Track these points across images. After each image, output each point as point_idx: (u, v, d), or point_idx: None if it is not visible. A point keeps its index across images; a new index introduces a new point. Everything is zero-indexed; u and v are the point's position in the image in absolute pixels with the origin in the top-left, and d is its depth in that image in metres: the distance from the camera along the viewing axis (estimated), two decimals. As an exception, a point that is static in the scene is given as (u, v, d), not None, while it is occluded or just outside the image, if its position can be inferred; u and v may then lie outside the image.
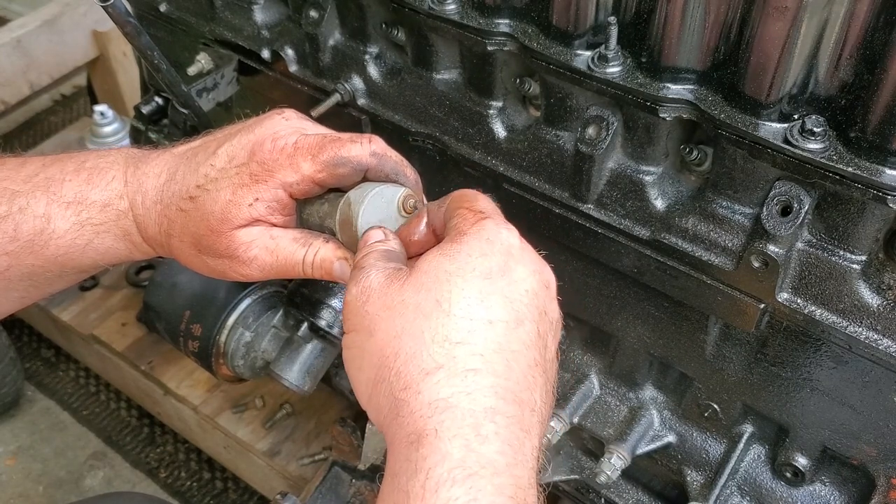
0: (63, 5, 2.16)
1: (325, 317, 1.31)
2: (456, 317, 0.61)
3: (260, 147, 0.77)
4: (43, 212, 0.78)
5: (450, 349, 0.60)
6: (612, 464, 1.08)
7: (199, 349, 1.38)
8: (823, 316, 0.87)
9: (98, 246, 0.80)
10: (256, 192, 0.75)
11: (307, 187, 0.77)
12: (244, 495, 1.93)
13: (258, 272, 0.78)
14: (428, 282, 0.63)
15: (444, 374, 0.59)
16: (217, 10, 1.29)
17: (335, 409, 1.72)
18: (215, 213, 0.76)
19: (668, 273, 0.95)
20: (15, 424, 2.11)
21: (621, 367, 1.13)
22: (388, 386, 0.61)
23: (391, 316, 0.63)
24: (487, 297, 0.63)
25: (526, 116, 1.05)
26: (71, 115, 2.99)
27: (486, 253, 0.64)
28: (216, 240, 0.77)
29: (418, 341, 0.61)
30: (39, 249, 0.78)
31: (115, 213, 0.80)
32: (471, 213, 0.68)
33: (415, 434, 0.58)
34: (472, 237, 0.65)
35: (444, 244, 0.66)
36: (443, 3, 0.98)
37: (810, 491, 1.03)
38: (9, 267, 0.78)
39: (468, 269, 0.63)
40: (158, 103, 1.57)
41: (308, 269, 0.77)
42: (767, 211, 0.83)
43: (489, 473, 0.56)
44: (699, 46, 0.82)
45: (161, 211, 0.79)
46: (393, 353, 0.61)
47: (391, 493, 0.58)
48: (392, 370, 0.61)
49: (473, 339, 0.61)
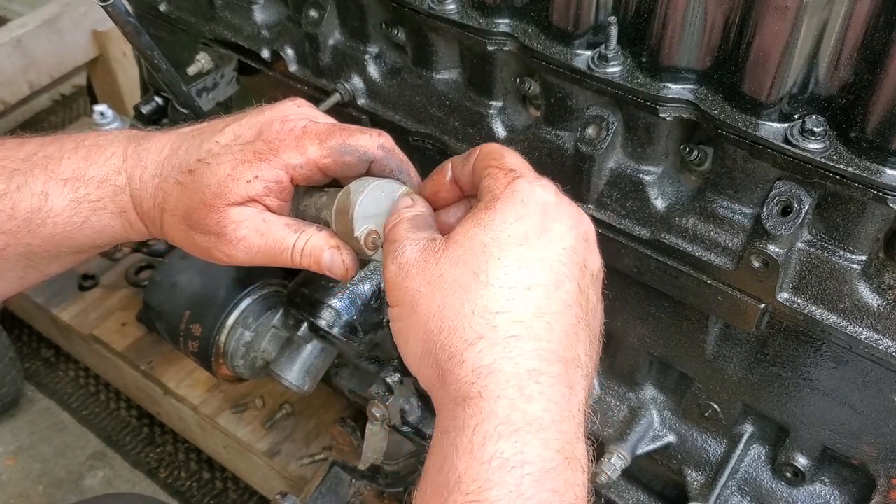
0: (63, 5, 2.16)
1: (325, 317, 1.31)
2: (494, 287, 0.63)
3: (268, 126, 0.76)
4: (41, 189, 0.77)
5: (490, 319, 0.62)
6: (612, 464, 1.08)
7: (199, 349, 1.37)
8: (823, 316, 0.87)
9: (95, 223, 0.79)
10: (257, 169, 0.74)
11: (310, 172, 0.76)
12: (244, 495, 1.93)
13: (244, 254, 0.76)
14: (464, 255, 0.64)
15: (485, 344, 0.61)
16: (217, 10, 1.29)
17: (335, 409, 1.72)
18: (211, 187, 0.74)
19: (668, 273, 0.95)
20: (15, 424, 2.11)
21: (621, 367, 1.13)
22: (434, 358, 0.63)
23: (431, 291, 0.64)
24: (525, 264, 0.64)
25: (526, 116, 1.05)
26: (71, 115, 2.99)
27: (521, 216, 0.65)
28: (207, 214, 0.75)
29: (459, 314, 0.62)
30: (37, 228, 0.77)
31: (112, 188, 0.79)
32: (501, 173, 0.68)
33: (461, 397, 0.60)
34: (505, 202, 0.66)
35: (479, 212, 0.66)
36: (443, 3, 0.98)
37: (810, 491, 1.03)
38: (6, 246, 0.78)
39: (504, 237, 0.64)
40: (158, 103, 1.57)
41: (297, 256, 0.76)
42: (767, 211, 0.83)
43: (535, 429, 0.58)
44: (699, 46, 0.82)
45: (158, 185, 0.78)
46: (437, 328, 0.63)
47: (440, 448, 0.60)
48: (437, 343, 0.63)
49: (513, 307, 0.62)
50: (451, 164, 0.75)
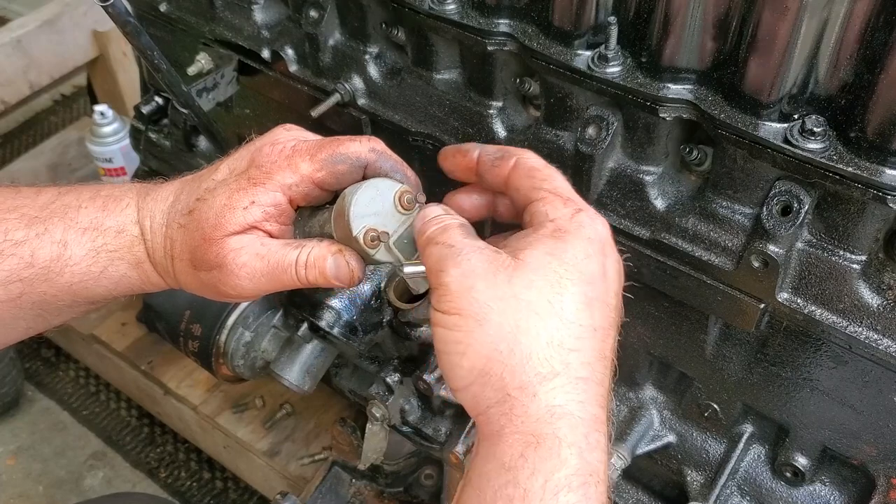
0: (63, 5, 2.16)
1: (325, 317, 1.31)
2: (569, 322, 0.64)
3: (259, 153, 0.77)
4: (60, 237, 0.77)
5: (564, 356, 0.63)
6: (612, 464, 1.08)
7: (199, 349, 1.38)
8: (823, 316, 0.87)
9: (112, 273, 0.79)
10: (253, 194, 0.74)
11: (307, 189, 0.75)
12: (244, 495, 1.93)
13: (247, 281, 0.75)
14: (538, 280, 0.64)
15: (559, 382, 0.62)
16: (217, 10, 1.29)
17: (335, 409, 1.72)
18: (209, 220, 0.74)
19: (668, 273, 0.95)
20: (15, 424, 2.11)
21: (621, 368, 1.13)
22: (500, 380, 0.62)
23: (504, 309, 0.63)
24: (592, 303, 0.65)
25: (526, 116, 1.05)
26: (71, 115, 2.99)
27: (590, 254, 0.66)
28: (207, 249, 0.74)
29: (534, 343, 0.62)
30: (55, 277, 0.77)
31: (128, 239, 0.79)
32: (560, 201, 0.69)
33: (532, 436, 0.60)
34: (574, 236, 0.67)
35: (546, 239, 0.66)
36: (443, 3, 0.98)
37: (810, 491, 1.03)
38: (21, 294, 0.77)
39: (576, 272, 0.65)
40: (158, 103, 1.57)
41: (301, 270, 0.75)
42: (767, 211, 0.83)
43: (595, 482, 0.61)
44: (699, 46, 0.82)
45: (166, 233, 0.78)
46: (508, 350, 0.62)
47: (499, 484, 0.60)
48: (506, 366, 0.62)
49: (583, 347, 0.64)
50: (479, 154, 0.75)
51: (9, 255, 0.76)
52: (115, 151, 2.04)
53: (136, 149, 1.70)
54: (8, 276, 0.76)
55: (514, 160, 0.73)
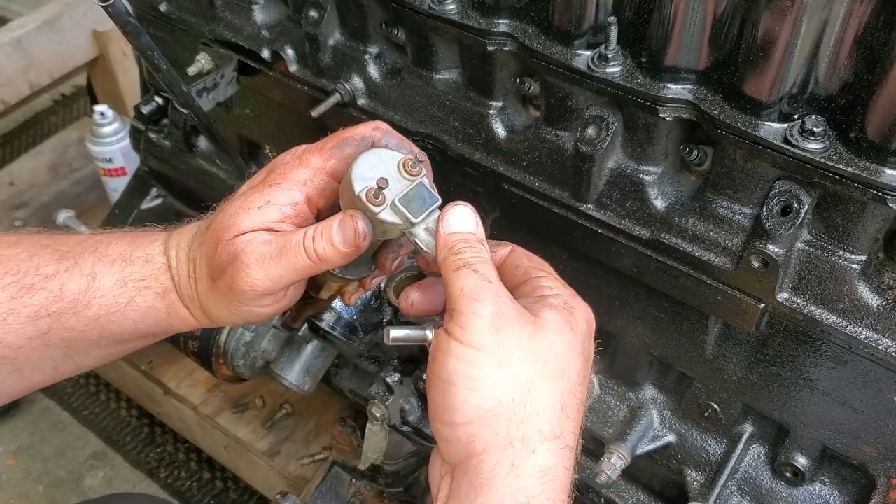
0: (63, 5, 2.16)
1: (325, 317, 1.31)
2: (571, 391, 0.67)
3: (274, 163, 0.79)
4: (89, 270, 0.78)
5: (564, 422, 0.66)
6: (612, 464, 1.08)
7: (199, 349, 1.38)
8: (823, 316, 0.87)
9: (139, 304, 0.79)
10: (268, 194, 0.74)
11: (321, 182, 0.75)
12: (244, 495, 1.93)
13: (258, 269, 0.72)
14: (557, 344, 0.66)
15: (556, 445, 0.65)
16: (217, 10, 1.29)
17: (335, 409, 1.72)
18: (223, 223, 0.74)
19: (668, 273, 0.95)
20: (15, 424, 2.11)
21: (621, 367, 1.13)
22: (506, 426, 0.64)
23: (525, 360, 0.65)
24: (583, 381, 0.69)
25: (526, 116, 1.05)
26: (71, 115, 2.99)
27: (588, 336, 0.70)
28: (221, 251, 0.74)
29: (544, 402, 0.65)
30: (82, 310, 0.78)
31: (156, 268, 0.80)
32: (560, 284, 0.72)
33: (524, 494, 0.63)
34: (580, 314, 0.70)
35: (563, 311, 0.68)
36: (443, 3, 0.98)
37: (810, 491, 1.03)
38: (49, 329, 0.77)
39: (581, 347, 0.69)
40: (158, 103, 1.57)
41: (309, 242, 0.72)
42: (767, 211, 0.83)
43: None
44: (699, 46, 0.82)
45: (188, 256, 0.79)
46: (520, 400, 0.64)
47: None
48: (513, 413, 0.64)
49: (576, 418, 0.67)
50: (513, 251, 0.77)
51: (39, 290, 0.77)
52: (116, 151, 2.03)
53: (136, 149, 1.70)
54: (37, 311, 0.77)
55: (512, 246, 0.76)
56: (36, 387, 0.84)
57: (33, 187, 2.31)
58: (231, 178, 1.49)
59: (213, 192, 1.54)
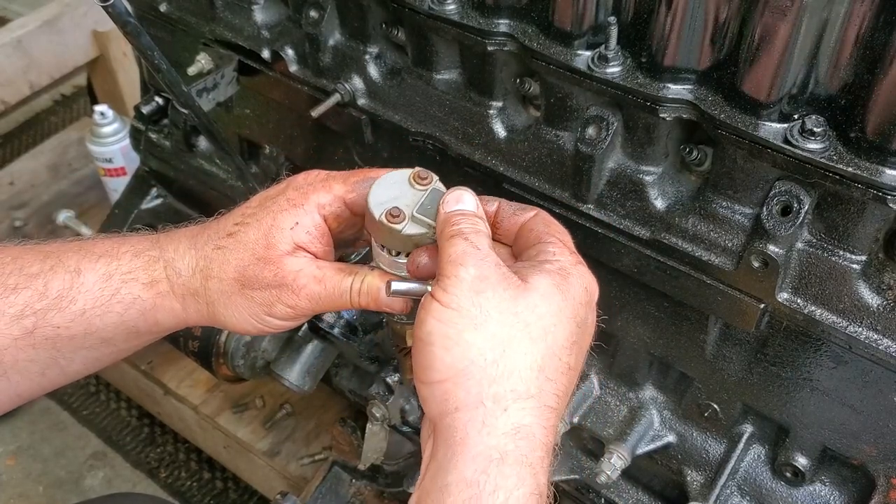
0: (63, 5, 2.16)
1: (325, 317, 1.31)
2: (555, 354, 0.67)
3: (294, 179, 0.81)
4: (74, 266, 0.79)
5: (542, 383, 0.66)
6: (612, 464, 1.08)
7: (199, 349, 1.38)
8: (823, 316, 0.87)
9: (125, 296, 0.80)
10: (296, 215, 0.77)
11: (338, 209, 0.79)
12: (244, 495, 1.93)
13: (307, 302, 0.78)
14: (541, 307, 0.67)
15: (531, 404, 0.65)
16: (217, 10, 1.29)
17: (335, 409, 1.72)
18: (259, 241, 0.77)
19: (668, 273, 0.95)
20: (15, 424, 2.11)
21: (621, 367, 1.13)
22: (477, 385, 0.65)
23: (502, 321, 0.66)
24: (574, 345, 0.69)
25: (526, 116, 1.05)
26: (71, 115, 2.99)
27: (583, 302, 0.70)
28: (263, 268, 0.77)
29: (519, 362, 0.66)
30: (68, 305, 0.78)
31: (145, 259, 0.81)
32: (568, 251, 0.72)
33: (497, 451, 0.64)
34: (577, 280, 0.70)
35: (554, 274, 0.69)
36: (443, 3, 0.98)
37: (810, 491, 1.03)
38: (35, 328, 0.78)
39: (571, 311, 0.69)
40: (158, 103, 1.57)
41: (356, 297, 0.78)
42: (767, 211, 0.83)
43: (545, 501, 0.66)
44: (699, 46, 0.82)
45: (194, 254, 0.80)
46: (493, 360, 0.65)
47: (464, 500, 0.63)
48: (486, 374, 0.65)
49: (558, 380, 0.68)
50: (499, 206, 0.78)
51: (23, 289, 0.78)
52: (116, 151, 2.04)
53: (136, 149, 1.70)
54: (22, 310, 0.77)
55: (537, 211, 0.77)
56: (23, 396, 0.84)
57: (33, 187, 2.31)
58: (231, 179, 1.49)
59: (213, 192, 1.54)
